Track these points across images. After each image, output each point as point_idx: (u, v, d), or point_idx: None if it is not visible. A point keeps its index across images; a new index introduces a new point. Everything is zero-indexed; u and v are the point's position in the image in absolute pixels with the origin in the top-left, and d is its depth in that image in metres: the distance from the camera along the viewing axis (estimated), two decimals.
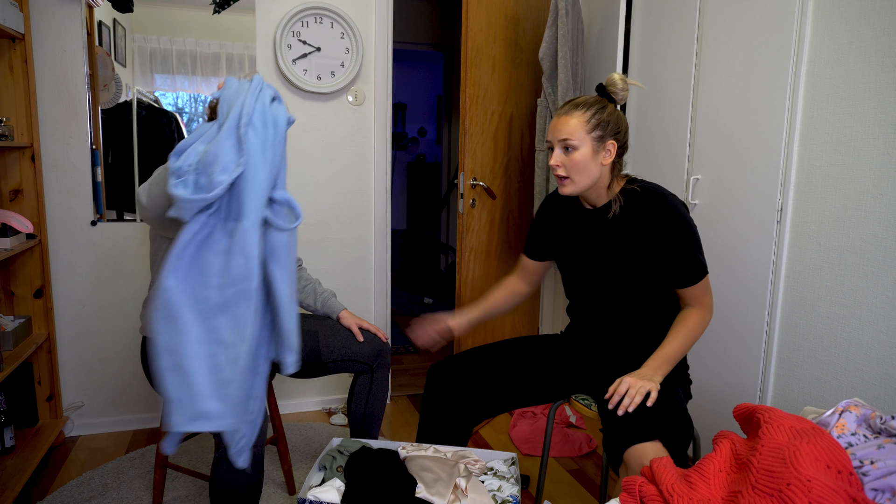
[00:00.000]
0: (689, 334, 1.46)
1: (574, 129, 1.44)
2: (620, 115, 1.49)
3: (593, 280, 1.58)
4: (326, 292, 1.90)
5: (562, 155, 1.46)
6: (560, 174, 1.47)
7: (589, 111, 1.45)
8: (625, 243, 1.49)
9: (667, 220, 1.43)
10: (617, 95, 1.50)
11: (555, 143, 1.47)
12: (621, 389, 1.35)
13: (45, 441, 2.11)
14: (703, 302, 1.48)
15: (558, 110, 1.48)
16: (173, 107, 2.40)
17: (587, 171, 1.46)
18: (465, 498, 1.33)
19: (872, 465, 0.96)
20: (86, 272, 2.34)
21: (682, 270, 1.45)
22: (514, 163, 2.58)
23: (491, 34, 2.36)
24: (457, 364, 1.64)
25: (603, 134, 1.45)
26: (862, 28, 1.56)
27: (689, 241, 1.44)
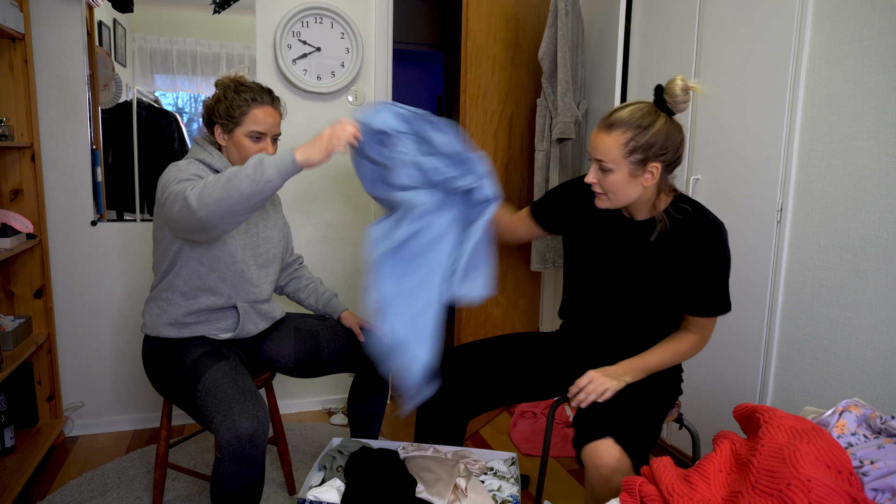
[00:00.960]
0: (675, 355, 1.45)
1: (609, 151, 1.32)
2: (670, 130, 1.33)
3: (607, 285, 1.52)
4: (328, 292, 1.90)
5: (598, 173, 1.36)
6: (596, 191, 1.39)
7: (629, 132, 1.31)
8: (658, 261, 1.42)
9: (712, 251, 1.38)
10: (676, 107, 1.33)
11: (593, 159, 1.37)
12: (582, 383, 1.37)
13: (45, 441, 2.11)
14: (704, 334, 1.47)
15: (600, 120, 1.37)
16: (173, 107, 2.40)
17: (623, 192, 1.36)
18: (465, 498, 1.33)
19: (872, 465, 0.96)
20: (86, 272, 2.34)
21: (707, 301, 1.42)
22: (514, 163, 2.58)
23: (491, 34, 2.35)
24: (455, 356, 1.64)
25: (645, 157, 1.31)
26: (862, 28, 1.56)
27: (725, 275, 1.41)
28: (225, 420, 1.35)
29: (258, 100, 1.58)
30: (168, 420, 1.74)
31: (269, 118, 1.59)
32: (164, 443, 1.75)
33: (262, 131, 1.58)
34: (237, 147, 1.59)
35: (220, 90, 1.61)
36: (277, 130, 1.63)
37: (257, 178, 1.28)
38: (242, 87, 1.58)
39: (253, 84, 1.61)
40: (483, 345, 1.68)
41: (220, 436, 1.35)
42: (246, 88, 1.58)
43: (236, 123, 1.57)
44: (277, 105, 1.64)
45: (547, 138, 2.45)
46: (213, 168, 1.58)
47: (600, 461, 1.25)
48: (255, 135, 1.58)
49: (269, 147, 1.61)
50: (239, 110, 1.56)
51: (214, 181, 1.31)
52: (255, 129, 1.57)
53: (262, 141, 1.59)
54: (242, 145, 1.58)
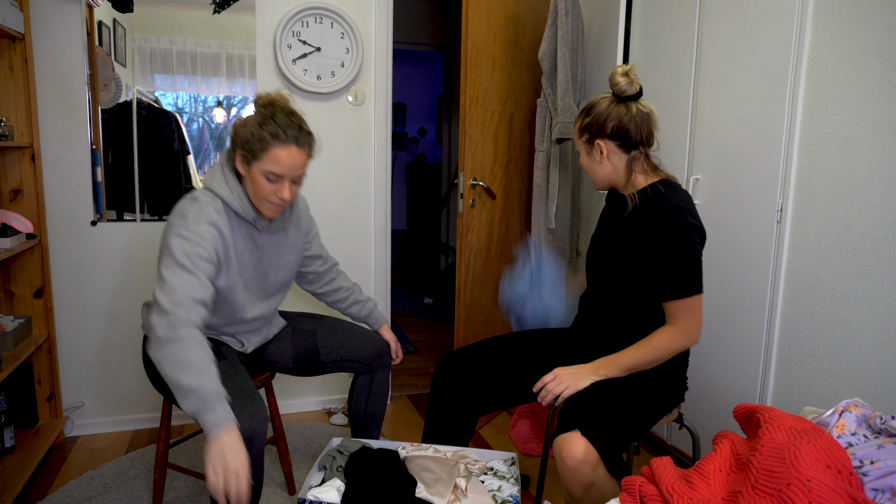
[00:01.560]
0: (649, 350, 1.44)
1: (574, 137, 1.56)
2: (612, 110, 1.46)
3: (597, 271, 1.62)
4: (370, 302, 1.93)
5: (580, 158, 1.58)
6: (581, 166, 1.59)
7: (580, 119, 1.53)
8: (626, 240, 1.51)
9: (667, 233, 1.40)
10: (618, 88, 1.46)
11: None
12: (546, 379, 1.44)
13: (45, 441, 2.11)
14: (679, 324, 1.43)
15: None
16: (173, 107, 2.40)
17: (593, 171, 1.55)
18: (465, 498, 1.33)
19: (872, 465, 0.96)
20: (86, 272, 2.34)
21: (667, 283, 1.42)
22: (514, 163, 2.58)
23: (491, 34, 2.35)
24: (466, 354, 1.68)
25: (590, 136, 1.51)
26: (862, 28, 1.55)
27: (684, 256, 1.40)
28: None
29: (281, 137, 1.41)
30: (168, 420, 1.74)
31: (290, 160, 1.43)
32: (164, 443, 1.75)
33: (279, 173, 1.43)
34: (252, 183, 1.46)
35: (250, 114, 1.48)
36: (299, 172, 1.47)
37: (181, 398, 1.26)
38: (268, 120, 1.42)
39: (282, 117, 1.44)
40: (495, 342, 1.70)
41: None
42: (272, 122, 1.42)
43: (254, 157, 1.43)
44: (305, 144, 1.46)
45: (547, 138, 2.45)
46: (231, 207, 1.49)
47: (566, 453, 1.28)
48: (272, 175, 1.43)
49: (285, 190, 1.45)
50: (259, 144, 1.41)
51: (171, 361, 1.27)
52: (272, 170, 1.42)
53: (279, 182, 1.45)
54: (258, 183, 1.45)
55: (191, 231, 1.40)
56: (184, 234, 1.39)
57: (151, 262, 2.41)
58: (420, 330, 4.13)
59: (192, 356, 1.28)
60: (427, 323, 4.31)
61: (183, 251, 1.37)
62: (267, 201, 1.48)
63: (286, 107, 1.49)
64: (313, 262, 1.83)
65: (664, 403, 1.52)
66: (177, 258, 1.37)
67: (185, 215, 1.43)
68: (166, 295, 1.33)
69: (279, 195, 1.46)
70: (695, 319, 1.44)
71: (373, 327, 1.90)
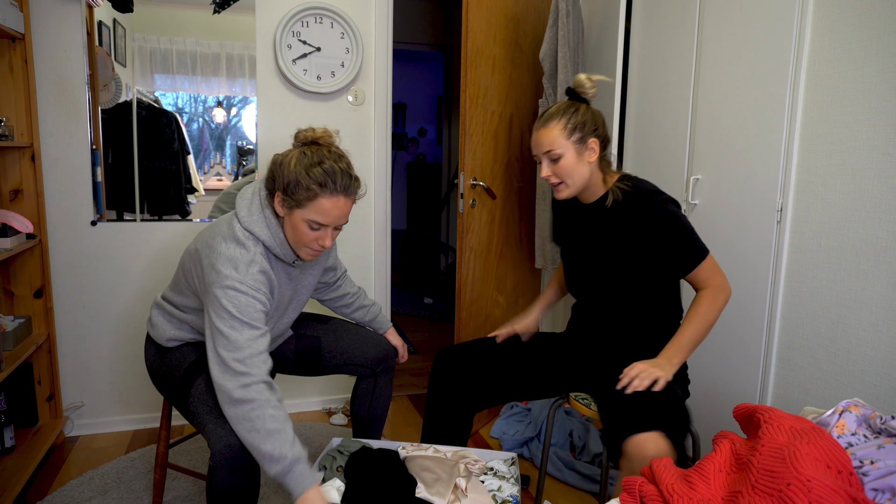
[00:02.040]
0: (700, 318, 1.45)
1: (554, 139, 1.50)
2: (595, 112, 1.54)
3: (587, 275, 1.61)
4: (375, 306, 1.92)
5: (550, 165, 1.52)
6: (553, 182, 1.53)
7: (563, 118, 1.51)
8: (618, 239, 1.52)
9: (654, 216, 1.46)
10: (587, 94, 1.54)
11: (540, 156, 1.53)
12: (632, 373, 1.39)
13: (45, 441, 2.11)
14: (713, 282, 1.48)
15: (535, 125, 1.56)
16: (173, 107, 2.40)
17: (577, 173, 1.52)
18: (465, 498, 1.33)
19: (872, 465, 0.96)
20: (86, 272, 2.34)
21: (679, 258, 1.47)
22: (514, 163, 2.58)
23: (491, 34, 2.35)
24: (463, 350, 1.69)
25: (582, 135, 1.50)
26: (862, 28, 1.55)
27: (678, 230, 1.46)
28: (216, 428, 1.33)
29: (329, 188, 1.33)
30: (168, 420, 1.74)
31: (337, 210, 1.36)
32: (164, 443, 1.74)
33: (323, 223, 1.37)
34: (293, 228, 1.39)
35: (294, 153, 1.38)
36: (343, 221, 1.40)
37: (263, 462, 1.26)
38: (316, 166, 1.33)
39: (330, 164, 1.34)
40: (490, 340, 1.70)
41: (212, 444, 1.32)
42: (319, 169, 1.33)
43: (298, 205, 1.35)
44: (353, 192, 1.39)
45: None
46: (268, 247, 1.42)
47: (648, 453, 1.25)
48: (316, 225, 1.37)
49: (328, 238, 1.39)
50: (304, 193, 1.33)
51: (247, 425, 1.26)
52: (317, 220, 1.36)
53: (322, 230, 1.39)
54: (299, 230, 1.38)
55: (244, 284, 1.34)
56: (238, 287, 1.33)
57: (151, 261, 2.41)
58: (420, 330, 4.13)
59: (268, 421, 1.26)
60: (427, 323, 4.31)
61: (239, 306, 1.32)
62: (307, 247, 1.42)
63: (334, 149, 1.40)
64: (327, 274, 1.80)
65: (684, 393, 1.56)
66: (234, 313, 1.31)
67: (235, 265, 1.35)
68: (232, 353, 1.29)
69: (321, 243, 1.41)
70: (720, 272, 1.49)
71: (378, 332, 1.89)
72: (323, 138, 1.41)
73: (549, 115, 1.53)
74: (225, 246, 1.37)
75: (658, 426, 1.29)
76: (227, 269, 1.34)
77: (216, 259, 1.35)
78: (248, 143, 2.53)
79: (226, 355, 1.29)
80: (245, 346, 1.30)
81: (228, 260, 1.35)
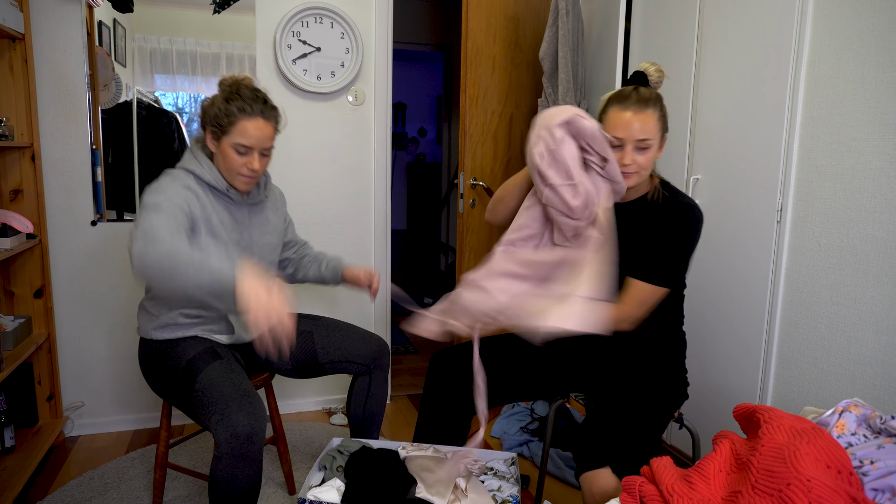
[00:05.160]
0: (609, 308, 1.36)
1: (651, 128, 1.38)
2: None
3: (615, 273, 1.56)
4: (333, 259, 1.91)
5: (637, 153, 1.39)
6: (631, 171, 1.40)
7: (657, 107, 1.40)
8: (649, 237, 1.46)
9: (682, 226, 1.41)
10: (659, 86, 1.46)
11: (628, 141, 1.38)
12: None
13: (45, 441, 2.11)
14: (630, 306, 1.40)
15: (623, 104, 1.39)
16: (173, 107, 2.40)
17: (651, 166, 1.44)
18: (465, 498, 1.33)
19: (872, 465, 0.96)
20: (86, 272, 2.34)
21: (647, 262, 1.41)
22: (514, 163, 2.58)
23: (491, 34, 2.35)
24: (460, 351, 1.66)
25: (664, 129, 1.43)
26: (862, 28, 1.55)
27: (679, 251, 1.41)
28: (223, 419, 1.35)
29: (247, 111, 1.49)
30: (168, 420, 1.74)
31: (258, 132, 1.51)
32: (164, 443, 1.75)
33: (248, 145, 1.50)
34: (223, 157, 1.53)
35: (216, 93, 1.55)
36: (268, 144, 1.55)
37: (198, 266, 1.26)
38: (234, 96, 1.50)
39: (248, 92, 1.52)
40: (486, 341, 1.69)
41: (217, 434, 1.35)
42: (237, 97, 1.50)
43: (224, 132, 1.50)
44: (271, 117, 1.54)
45: None
46: (203, 179, 1.54)
47: (597, 489, 1.28)
48: (242, 148, 1.50)
49: (255, 161, 1.53)
50: (227, 119, 1.49)
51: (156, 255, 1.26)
52: (241, 142, 1.50)
53: (249, 154, 1.52)
54: (228, 156, 1.52)
55: (162, 190, 1.44)
56: (156, 190, 1.43)
57: None
58: None
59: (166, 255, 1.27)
60: None
61: (154, 202, 1.39)
62: (238, 174, 1.54)
63: (250, 84, 1.55)
64: (288, 249, 1.89)
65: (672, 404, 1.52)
66: (148, 207, 1.38)
67: (158, 181, 1.48)
68: (139, 231, 1.31)
69: (249, 167, 1.53)
70: (644, 308, 1.42)
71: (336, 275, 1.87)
72: (243, 80, 1.55)
73: (642, 100, 1.38)
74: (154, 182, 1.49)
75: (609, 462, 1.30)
76: (150, 187, 1.46)
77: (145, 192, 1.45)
78: None
79: (135, 234, 1.31)
80: (155, 224, 1.32)
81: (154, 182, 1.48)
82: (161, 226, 1.32)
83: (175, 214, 1.40)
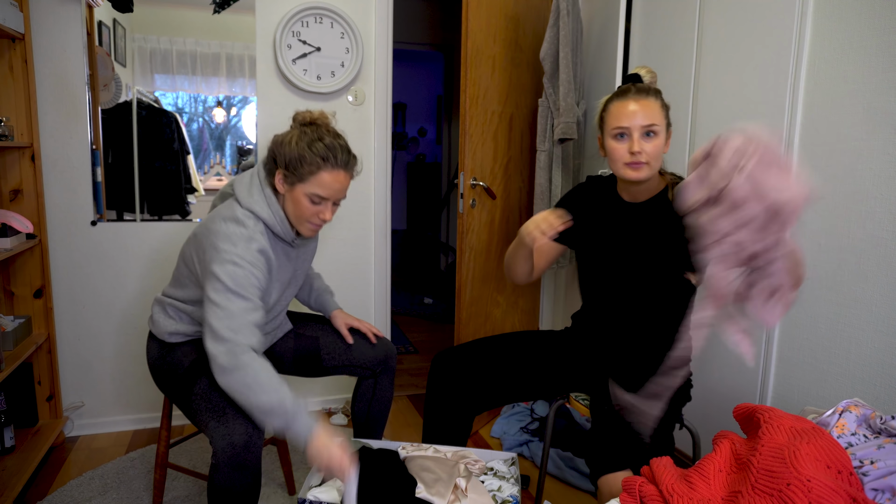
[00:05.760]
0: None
1: (656, 114, 1.39)
2: None
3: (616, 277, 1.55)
4: (323, 289, 1.86)
5: (644, 140, 1.40)
6: (641, 160, 1.40)
7: (659, 97, 1.41)
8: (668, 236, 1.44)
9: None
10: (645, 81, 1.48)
11: (634, 129, 1.39)
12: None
13: (45, 441, 2.11)
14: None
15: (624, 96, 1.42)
16: (173, 107, 2.40)
17: (659, 158, 1.43)
18: (465, 498, 1.33)
19: (872, 465, 0.96)
20: (86, 272, 2.34)
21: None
22: (514, 163, 2.58)
23: (491, 34, 2.35)
24: (461, 352, 1.66)
25: (669, 122, 1.44)
26: (862, 28, 1.55)
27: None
28: (219, 426, 1.33)
29: (331, 161, 1.41)
30: (168, 420, 1.74)
31: (337, 184, 1.43)
32: (164, 443, 1.74)
33: (325, 196, 1.43)
34: (294, 204, 1.45)
35: (294, 132, 1.45)
36: (342, 196, 1.48)
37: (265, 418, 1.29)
38: (317, 142, 1.41)
39: (330, 139, 1.43)
40: (488, 342, 1.69)
41: (214, 442, 1.32)
42: (321, 144, 1.41)
43: (300, 179, 1.41)
44: (352, 168, 1.47)
45: (549, 138, 2.45)
46: (273, 231, 1.47)
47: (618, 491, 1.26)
48: (317, 198, 1.43)
49: (328, 212, 1.46)
50: (307, 167, 1.40)
51: (241, 383, 1.28)
52: (319, 193, 1.42)
53: (323, 204, 1.45)
54: (300, 204, 1.44)
55: (242, 259, 1.37)
56: (236, 261, 1.36)
57: (151, 261, 2.41)
58: (420, 330, 4.13)
59: (262, 379, 1.28)
60: (427, 323, 4.31)
61: (235, 278, 1.34)
62: (308, 222, 1.47)
63: (332, 128, 1.47)
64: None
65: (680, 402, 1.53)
66: (229, 285, 1.33)
67: (233, 241, 1.38)
68: (223, 321, 1.31)
69: (321, 217, 1.47)
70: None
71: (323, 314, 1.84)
72: (320, 119, 1.48)
73: (642, 90, 1.40)
74: (225, 226, 1.40)
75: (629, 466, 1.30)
76: (225, 245, 1.37)
77: (216, 238, 1.39)
78: (248, 143, 2.53)
79: (217, 324, 1.31)
80: (237, 315, 1.32)
81: (227, 237, 1.38)
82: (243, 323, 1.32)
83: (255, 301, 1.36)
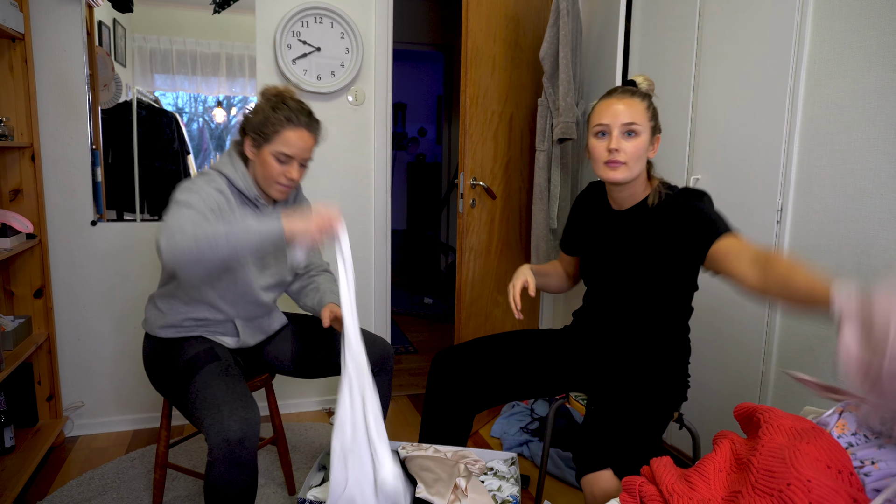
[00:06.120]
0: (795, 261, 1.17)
1: (639, 114, 1.39)
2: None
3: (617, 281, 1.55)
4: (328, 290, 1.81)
5: (623, 139, 1.39)
6: (619, 159, 1.39)
7: (646, 99, 1.42)
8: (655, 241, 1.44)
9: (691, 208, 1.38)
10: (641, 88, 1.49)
11: (614, 126, 1.39)
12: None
13: (45, 441, 2.11)
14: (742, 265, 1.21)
15: (609, 95, 1.43)
16: (173, 107, 2.40)
17: (641, 161, 1.41)
18: (465, 498, 1.33)
19: (874, 465, 0.96)
20: (86, 272, 2.34)
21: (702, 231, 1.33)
22: (514, 163, 2.58)
23: (491, 34, 2.35)
24: (462, 351, 1.66)
25: (655, 124, 1.43)
26: (862, 28, 1.55)
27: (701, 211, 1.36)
28: (214, 423, 1.34)
29: (293, 120, 1.50)
30: (168, 420, 1.74)
31: (301, 142, 1.52)
32: (164, 443, 1.74)
33: (289, 154, 1.51)
34: (262, 165, 1.53)
35: (260, 101, 1.56)
36: (307, 155, 1.55)
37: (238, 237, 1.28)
38: (280, 105, 1.51)
39: (293, 103, 1.53)
40: (491, 340, 1.69)
41: (209, 439, 1.33)
42: (284, 106, 1.51)
43: (266, 140, 1.50)
44: (314, 129, 1.56)
45: (548, 138, 2.45)
46: (235, 185, 1.54)
47: (598, 490, 1.28)
48: (283, 156, 1.51)
49: (294, 171, 1.53)
50: (271, 127, 1.49)
51: (191, 231, 1.27)
52: (283, 151, 1.50)
53: (289, 164, 1.53)
54: (268, 164, 1.52)
55: (196, 189, 1.44)
56: (192, 188, 1.44)
57: (151, 261, 2.41)
58: (420, 330, 4.13)
59: (202, 220, 1.33)
60: (427, 323, 4.31)
61: (189, 200, 1.40)
62: (276, 182, 1.54)
63: (295, 98, 1.57)
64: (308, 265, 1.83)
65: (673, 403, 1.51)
66: (181, 200, 1.39)
67: (193, 181, 1.49)
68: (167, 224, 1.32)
69: (288, 175, 1.53)
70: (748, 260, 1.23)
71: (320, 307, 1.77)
72: (285, 91, 1.57)
73: (628, 91, 1.42)
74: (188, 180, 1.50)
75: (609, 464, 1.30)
76: (183, 185, 1.46)
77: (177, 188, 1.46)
78: None
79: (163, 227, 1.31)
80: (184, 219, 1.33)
81: (187, 180, 1.49)
82: (189, 221, 1.32)
83: (205, 214, 1.39)
